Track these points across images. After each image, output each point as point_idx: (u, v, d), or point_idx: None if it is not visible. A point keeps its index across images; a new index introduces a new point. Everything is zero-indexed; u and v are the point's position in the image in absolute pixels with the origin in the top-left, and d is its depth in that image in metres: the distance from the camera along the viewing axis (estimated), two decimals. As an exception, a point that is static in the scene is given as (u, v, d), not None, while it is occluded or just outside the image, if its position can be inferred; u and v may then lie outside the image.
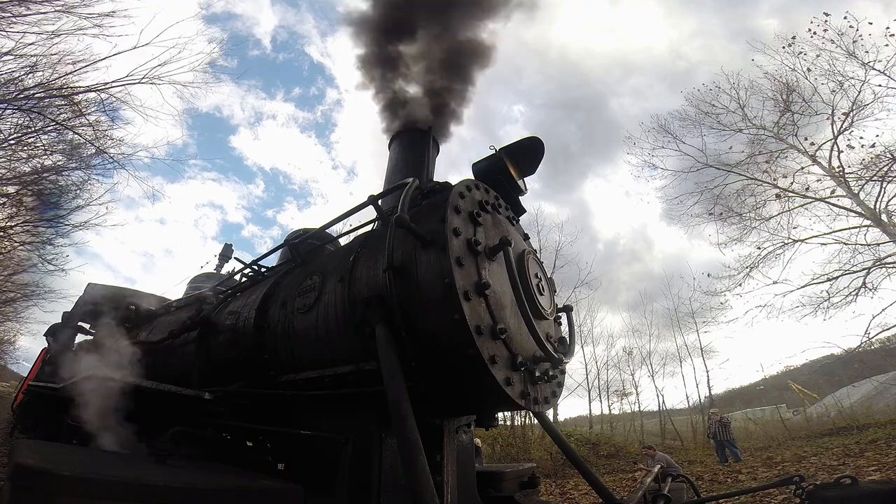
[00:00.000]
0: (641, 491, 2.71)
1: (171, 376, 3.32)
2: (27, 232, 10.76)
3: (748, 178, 14.47)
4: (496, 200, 2.54)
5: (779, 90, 14.26)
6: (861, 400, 16.98)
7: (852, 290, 12.11)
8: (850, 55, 12.55)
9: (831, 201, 12.92)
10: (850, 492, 2.08)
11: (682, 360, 21.27)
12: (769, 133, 14.52)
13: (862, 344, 12.06)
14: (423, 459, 1.39)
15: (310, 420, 2.27)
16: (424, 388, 1.87)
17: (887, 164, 11.51)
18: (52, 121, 8.30)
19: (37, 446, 1.59)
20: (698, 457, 12.70)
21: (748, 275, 13.81)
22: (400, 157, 3.45)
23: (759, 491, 5.48)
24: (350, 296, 2.18)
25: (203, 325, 3.31)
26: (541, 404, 2.16)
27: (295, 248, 3.10)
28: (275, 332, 2.64)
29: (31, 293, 16.92)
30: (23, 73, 7.75)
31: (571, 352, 2.55)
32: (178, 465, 1.60)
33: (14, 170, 9.16)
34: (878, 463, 7.27)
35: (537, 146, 2.82)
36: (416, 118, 3.53)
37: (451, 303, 1.74)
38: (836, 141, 12.70)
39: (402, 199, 2.15)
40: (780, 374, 26.22)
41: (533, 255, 2.44)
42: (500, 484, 2.79)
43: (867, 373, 17.13)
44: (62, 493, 1.09)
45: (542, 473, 7.68)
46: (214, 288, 3.88)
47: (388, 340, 1.79)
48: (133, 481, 1.21)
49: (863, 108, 12.42)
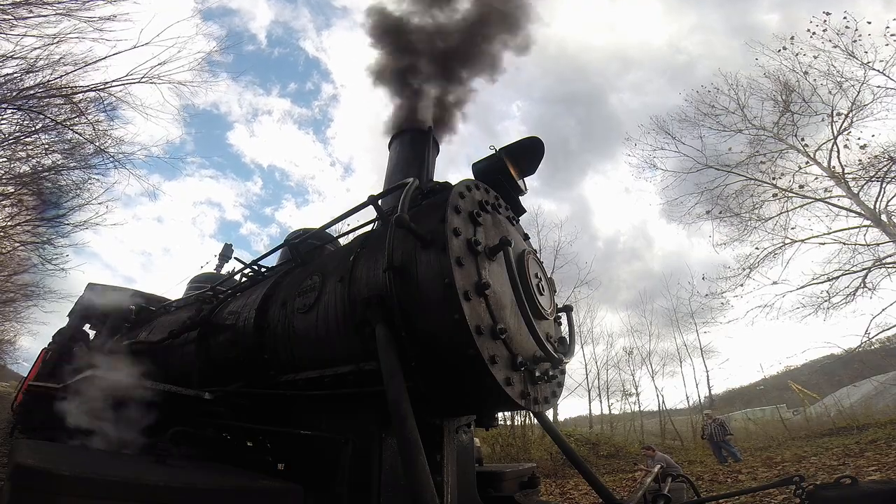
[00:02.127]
0: (641, 491, 2.71)
1: (171, 376, 3.31)
2: (27, 232, 10.75)
3: (748, 178, 14.48)
4: (496, 200, 2.54)
5: (778, 90, 14.29)
6: (861, 400, 16.97)
7: (852, 290, 12.14)
8: (849, 55, 12.57)
9: (831, 201, 12.95)
10: (850, 492, 2.08)
11: (681, 361, 21.32)
12: (769, 133, 14.54)
13: (862, 344, 12.08)
14: (423, 459, 1.39)
15: (310, 420, 2.27)
16: (424, 388, 1.87)
17: (887, 165, 11.52)
18: (52, 120, 8.30)
19: (37, 446, 1.59)
20: (698, 457, 12.69)
21: (748, 275, 13.84)
22: (400, 156, 3.45)
23: (759, 491, 5.47)
24: (350, 296, 2.18)
25: (203, 325, 3.31)
26: (541, 404, 2.16)
27: (295, 248, 3.10)
28: (275, 332, 2.64)
29: (32, 293, 16.93)
30: (22, 73, 7.75)
31: (571, 352, 2.55)
32: (178, 465, 1.60)
33: (14, 170, 9.17)
34: (878, 463, 7.27)
35: (537, 146, 2.82)
36: (420, 118, 3.53)
37: (451, 303, 1.74)
38: (835, 141, 12.72)
39: (402, 199, 2.15)
40: (780, 374, 26.28)
41: (533, 255, 2.44)
42: (500, 484, 2.79)
43: (867, 373, 17.15)
44: (62, 493, 1.09)
45: (542, 473, 7.68)
46: (214, 288, 3.88)
47: (388, 340, 1.79)
48: (133, 481, 1.21)
49: (862, 109, 12.45)
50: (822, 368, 22.88)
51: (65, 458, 1.42)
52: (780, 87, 14.16)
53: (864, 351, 13.03)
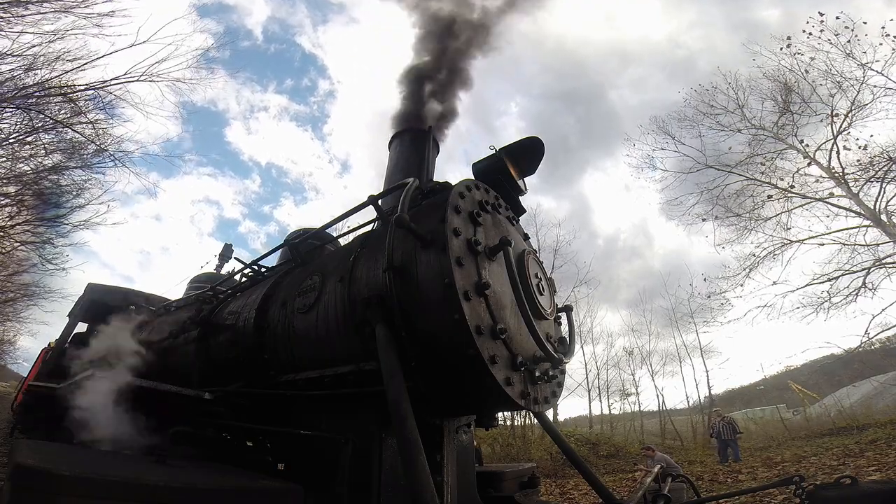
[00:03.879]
0: (641, 491, 2.71)
1: (171, 376, 3.31)
2: (27, 231, 10.74)
3: (748, 178, 14.48)
4: (496, 200, 2.54)
5: (778, 90, 14.29)
6: (861, 400, 16.98)
7: (852, 290, 12.13)
8: (847, 55, 12.57)
9: (831, 201, 12.95)
10: (850, 492, 2.08)
11: (681, 361, 21.30)
12: (768, 133, 14.54)
13: (862, 344, 12.08)
14: (423, 459, 1.39)
15: (310, 420, 2.27)
16: (424, 388, 1.87)
17: (886, 165, 11.52)
18: (52, 119, 8.29)
19: (37, 446, 1.59)
20: (698, 457, 12.70)
21: (748, 275, 13.84)
22: (400, 156, 3.45)
23: (759, 491, 5.48)
24: (350, 296, 2.18)
25: (203, 325, 3.31)
26: (541, 404, 2.16)
27: (295, 248, 3.10)
28: (275, 332, 2.64)
29: (32, 293, 16.91)
30: (22, 71, 7.75)
31: (571, 352, 2.55)
32: (178, 465, 1.60)
33: (14, 170, 9.16)
34: (878, 463, 7.28)
35: (537, 146, 2.82)
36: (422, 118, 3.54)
37: (451, 303, 1.74)
38: (835, 141, 12.72)
39: (402, 199, 2.15)
40: (780, 374, 26.26)
41: (533, 255, 2.44)
42: (500, 484, 2.79)
43: (867, 373, 17.15)
44: (62, 493, 1.09)
45: (542, 473, 7.67)
46: (214, 288, 3.88)
47: (388, 340, 1.79)
48: (133, 481, 1.21)
49: (861, 109, 12.44)
50: (822, 368, 22.89)
51: (65, 458, 1.42)
52: (780, 86, 14.17)
53: (864, 351, 13.03)
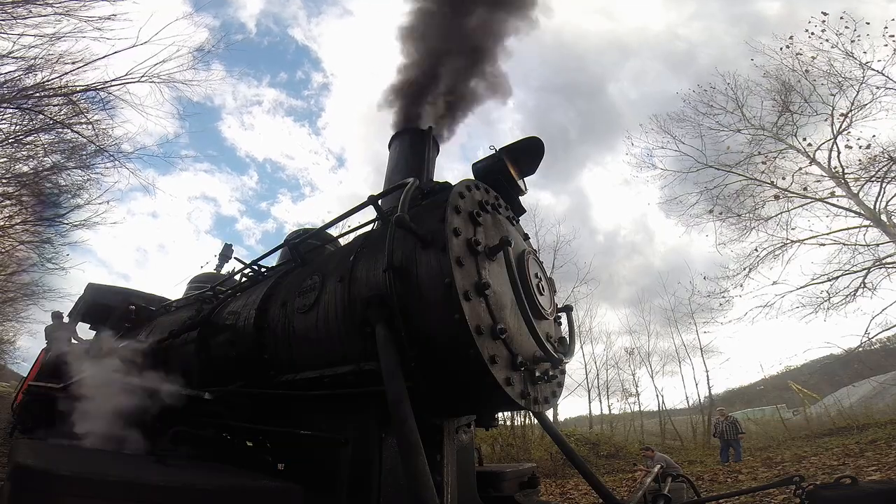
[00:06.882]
0: (641, 491, 2.71)
1: (171, 376, 3.31)
2: (27, 231, 10.75)
3: (748, 178, 14.48)
4: (496, 200, 2.54)
5: (778, 90, 14.29)
6: (861, 400, 16.99)
7: (852, 290, 12.13)
8: (847, 55, 12.57)
9: (830, 201, 12.95)
10: (850, 492, 2.08)
11: (681, 361, 21.31)
12: (768, 133, 14.53)
13: (862, 344, 12.07)
14: (423, 459, 1.39)
15: (309, 420, 2.27)
16: (424, 388, 1.87)
17: (887, 165, 11.52)
18: (52, 119, 8.29)
19: (37, 446, 1.59)
20: (698, 457, 12.72)
21: (748, 275, 13.83)
22: (400, 156, 3.45)
23: (759, 491, 5.48)
24: (350, 296, 2.18)
25: (203, 325, 3.31)
26: (541, 404, 2.16)
27: (295, 248, 3.09)
28: (275, 332, 2.64)
29: (31, 292, 16.93)
30: (22, 72, 7.75)
31: (571, 352, 2.55)
32: (178, 465, 1.60)
33: (14, 170, 9.16)
34: (878, 463, 7.28)
35: (537, 146, 2.82)
36: (421, 118, 3.54)
37: (452, 303, 1.74)
38: (835, 141, 12.72)
39: (402, 199, 2.15)
40: (780, 374, 26.18)
41: (533, 255, 2.44)
42: (500, 484, 2.79)
43: (867, 373, 17.12)
44: (62, 493, 1.09)
45: (542, 473, 7.69)
46: (214, 288, 3.88)
47: (388, 340, 1.79)
48: (133, 481, 1.21)
49: (861, 109, 12.45)
50: (822, 368, 22.85)
51: (65, 458, 1.43)
52: (780, 86, 14.18)
53: (864, 351, 13.02)
